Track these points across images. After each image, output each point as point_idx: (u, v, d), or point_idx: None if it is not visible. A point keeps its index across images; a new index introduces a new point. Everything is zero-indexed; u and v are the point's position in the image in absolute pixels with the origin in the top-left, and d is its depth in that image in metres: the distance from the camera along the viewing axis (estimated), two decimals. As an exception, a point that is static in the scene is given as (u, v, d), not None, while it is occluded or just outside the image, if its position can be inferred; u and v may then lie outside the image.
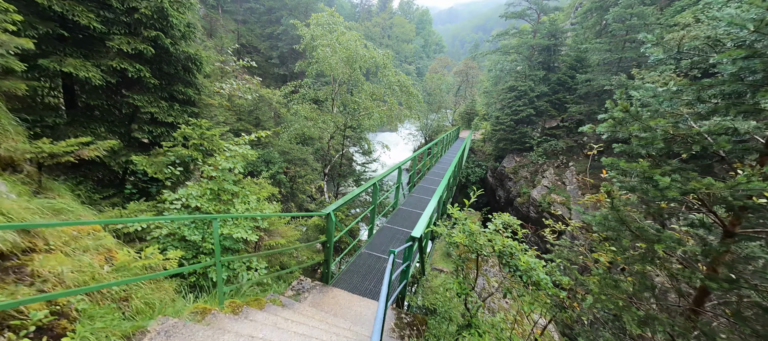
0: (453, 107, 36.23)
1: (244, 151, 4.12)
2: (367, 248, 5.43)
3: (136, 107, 5.41)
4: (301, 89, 10.08)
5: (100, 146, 3.53)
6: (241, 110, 23.65)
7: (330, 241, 4.05)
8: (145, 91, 5.57)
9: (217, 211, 3.74)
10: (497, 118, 20.20)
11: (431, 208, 4.37)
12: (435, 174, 11.65)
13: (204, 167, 3.94)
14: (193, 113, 6.73)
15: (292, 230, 5.07)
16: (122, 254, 2.57)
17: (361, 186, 5.03)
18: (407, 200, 8.22)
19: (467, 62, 35.47)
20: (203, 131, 4.99)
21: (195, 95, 6.71)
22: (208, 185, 3.86)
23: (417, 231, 3.59)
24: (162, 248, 3.23)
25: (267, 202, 7.01)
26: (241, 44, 32.33)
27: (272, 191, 7.10)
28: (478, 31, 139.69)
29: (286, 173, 22.11)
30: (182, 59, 6.33)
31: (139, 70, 5.07)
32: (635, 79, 13.01)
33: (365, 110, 9.45)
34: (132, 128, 5.51)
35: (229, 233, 3.40)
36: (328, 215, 3.94)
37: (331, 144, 10.58)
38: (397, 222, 6.68)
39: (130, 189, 4.94)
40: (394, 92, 10.14)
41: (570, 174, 17.10)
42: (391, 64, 10.02)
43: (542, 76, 19.17)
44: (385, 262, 4.99)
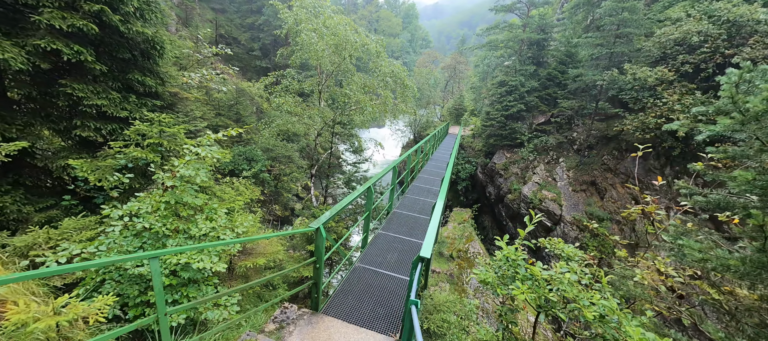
0: (442, 103, 35.85)
1: (209, 154, 3.30)
2: (362, 261, 4.74)
3: (77, 99, 4.44)
4: (283, 80, 9.02)
5: (3, 148, 2.64)
6: (221, 104, 22.28)
7: (320, 261, 3.34)
8: (89, 79, 4.60)
9: (174, 231, 2.93)
10: (487, 113, 19.87)
11: (437, 219, 3.71)
12: (428, 173, 11.06)
13: (158, 174, 3.11)
14: (156, 107, 5.78)
15: (275, 245, 4.31)
16: (20, 308, 1.78)
17: (355, 191, 4.32)
18: (402, 203, 7.57)
19: (455, 57, 35.10)
20: (163, 128, 4.11)
21: (157, 85, 5.75)
22: (162, 198, 3.03)
23: (425, 250, 2.92)
24: (92, 288, 2.42)
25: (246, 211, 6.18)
26: (219, 35, 30.48)
27: (253, 195, 6.29)
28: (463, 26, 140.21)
29: (270, 171, 20.99)
30: (139, 43, 5.35)
31: (77, 52, 4.11)
32: (627, 75, 12.87)
33: (356, 104, 8.52)
34: (75, 125, 4.54)
35: (188, 262, 2.62)
36: (318, 231, 3.23)
37: (319, 142, 9.69)
38: (393, 228, 6.02)
39: (69, 200, 4.01)
40: (388, 84, 9.23)
41: (560, 170, 17.01)
42: (385, 53, 9.11)
43: (532, 71, 18.94)
44: (384, 278, 4.33)
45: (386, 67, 8.98)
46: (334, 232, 6.06)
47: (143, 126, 4.06)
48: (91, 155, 4.45)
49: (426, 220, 6.58)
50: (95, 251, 2.45)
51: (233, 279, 3.68)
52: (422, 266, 2.94)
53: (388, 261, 4.76)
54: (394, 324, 3.62)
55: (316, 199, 10.44)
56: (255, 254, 3.97)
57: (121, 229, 2.77)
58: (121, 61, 5.13)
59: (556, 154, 17.62)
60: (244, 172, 18.76)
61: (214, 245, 1.97)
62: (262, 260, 3.58)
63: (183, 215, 3.04)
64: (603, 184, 15.28)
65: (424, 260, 2.95)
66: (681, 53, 11.77)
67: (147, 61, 5.58)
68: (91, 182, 3.62)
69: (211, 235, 3.01)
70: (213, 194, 4.24)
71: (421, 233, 5.94)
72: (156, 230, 2.79)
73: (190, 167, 3.05)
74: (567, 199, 15.89)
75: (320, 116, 8.69)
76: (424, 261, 2.96)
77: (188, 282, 2.77)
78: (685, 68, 11.45)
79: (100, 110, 4.64)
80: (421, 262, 2.94)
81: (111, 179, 3.42)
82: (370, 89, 8.57)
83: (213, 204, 3.33)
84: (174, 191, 2.98)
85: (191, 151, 3.12)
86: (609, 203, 14.82)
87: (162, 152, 4.08)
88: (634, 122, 12.56)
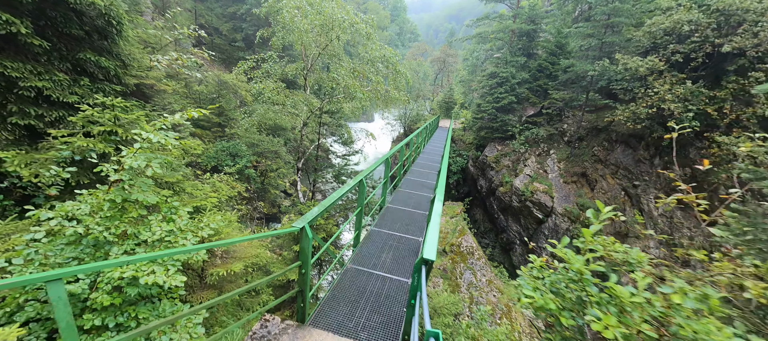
0: (431, 96, 35.50)
1: (165, 140, 2.70)
2: (354, 261, 4.27)
3: (12, 80, 3.73)
4: (264, 64, 8.16)
5: None
6: (201, 97, 21.16)
7: (306, 265, 2.85)
8: (27, 57, 3.89)
9: (122, 236, 2.36)
10: (479, 105, 19.62)
11: (437, 216, 3.26)
12: (421, 166, 10.66)
13: (102, 167, 2.52)
14: (117, 94, 5.07)
15: (255, 247, 3.78)
16: None
17: (345, 185, 3.82)
18: (395, 197, 7.13)
19: (445, 50, 34.72)
20: (117, 114, 3.48)
21: (117, 67, 5.04)
22: (107, 196, 2.45)
23: (429, 251, 2.47)
24: (11, 311, 1.85)
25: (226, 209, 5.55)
26: (199, 25, 28.98)
27: (232, 192, 5.68)
28: (451, 20, 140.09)
29: (256, 167, 20.15)
30: (93, 18, 4.63)
31: (7, 23, 3.41)
32: (618, 65, 12.78)
33: (345, 90, 7.79)
34: (11, 111, 3.82)
35: (135, 276, 2.05)
36: (303, 231, 2.73)
37: (305, 133, 8.95)
38: (387, 224, 5.57)
39: (1, 199, 3.34)
40: (379, 70, 8.57)
41: (551, 162, 16.97)
42: (376, 36, 8.42)
43: (523, 62, 18.76)
44: (379, 281, 3.88)
45: (377, 50, 8.28)
46: (324, 230, 5.57)
47: (93, 111, 3.41)
48: (33, 146, 3.78)
49: (421, 215, 6.17)
50: (6, 265, 1.88)
51: (205, 289, 3.16)
52: (426, 269, 2.49)
53: (383, 261, 4.31)
54: (392, 334, 3.17)
55: (303, 195, 9.75)
56: (232, 258, 3.44)
57: (54, 235, 2.18)
58: (69, 38, 4.42)
59: (546, 146, 17.58)
60: (227, 168, 17.90)
61: (154, 256, 1.41)
62: (239, 265, 3.05)
63: (132, 216, 2.46)
64: (593, 175, 15.33)
65: (427, 263, 2.50)
66: (671, 43, 11.73)
67: (104, 40, 4.86)
68: (25, 178, 2.98)
69: (169, 240, 2.45)
70: (181, 190, 3.67)
71: (417, 228, 5.52)
72: (95, 236, 2.21)
73: (140, 156, 2.47)
74: (558, 191, 15.88)
75: (306, 104, 7.93)
76: (428, 263, 2.51)
77: (139, 299, 2.22)
78: (675, 58, 11.41)
79: (42, 94, 3.95)
80: (425, 265, 2.49)
81: (47, 175, 2.79)
82: (360, 74, 7.89)
83: (173, 202, 2.76)
84: (122, 187, 2.40)
85: (143, 138, 2.52)
86: (599, 194, 14.89)
87: (117, 141, 3.46)
88: (625, 112, 12.51)
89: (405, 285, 3.85)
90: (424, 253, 2.43)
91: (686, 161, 12.50)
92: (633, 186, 14.00)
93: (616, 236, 14.81)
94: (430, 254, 2.40)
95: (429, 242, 2.52)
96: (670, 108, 10.93)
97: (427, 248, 2.46)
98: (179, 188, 3.60)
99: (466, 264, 13.73)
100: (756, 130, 10.78)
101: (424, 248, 2.46)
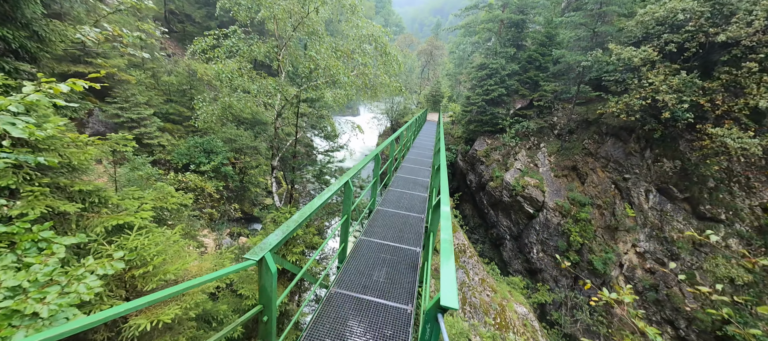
0: (418, 89, 34.78)
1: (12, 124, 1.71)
2: (340, 284, 3.48)
3: None
4: (225, 41, 6.80)
5: None
6: (171, 89, 19.44)
7: (269, 310, 2.02)
8: None
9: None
10: (468, 98, 19.07)
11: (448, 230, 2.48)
12: (411, 162, 9.91)
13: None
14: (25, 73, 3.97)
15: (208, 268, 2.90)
16: None
17: (327, 190, 2.99)
18: (385, 198, 6.35)
19: (431, 41, 33.97)
20: None
21: (26, 40, 3.93)
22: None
23: (448, 296, 1.68)
24: None
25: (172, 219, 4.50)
26: (169, 11, 26.85)
27: (184, 199, 4.67)
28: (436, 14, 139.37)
29: (234, 164, 18.81)
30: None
31: None
32: (611, 55, 12.45)
33: (326, 72, 6.59)
34: None
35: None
36: (262, 263, 1.90)
37: (280, 125, 7.82)
38: (378, 232, 4.79)
39: None
40: (366, 52, 7.45)
41: (542, 156, 16.70)
42: (362, 8, 7.25)
43: (512, 53, 18.30)
44: (371, 309, 3.11)
45: (364, 28, 7.19)
46: (302, 243, 4.72)
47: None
48: None
49: (417, 218, 5.42)
50: None
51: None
52: (443, 317, 1.71)
53: (374, 282, 3.53)
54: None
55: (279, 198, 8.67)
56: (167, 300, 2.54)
57: None
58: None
59: (537, 139, 17.29)
60: (202, 166, 16.50)
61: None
62: (173, 311, 2.17)
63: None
64: (584, 169, 15.15)
65: (445, 311, 1.74)
66: (664, 33, 11.46)
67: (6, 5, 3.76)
68: None
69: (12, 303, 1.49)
70: (101, 202, 2.71)
71: (413, 236, 4.77)
72: None
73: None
74: (549, 185, 15.63)
75: (278, 88, 6.78)
76: (446, 312, 1.74)
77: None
78: (669, 48, 11.13)
79: None
80: (441, 313, 1.73)
81: None
82: (344, 54, 6.79)
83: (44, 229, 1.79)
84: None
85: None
86: (590, 187, 14.73)
87: None
88: (618, 104, 12.21)
89: (403, 313, 3.09)
90: (441, 298, 1.65)
91: (676, 154, 12.42)
92: (623, 179, 13.88)
93: (606, 231, 14.76)
94: (450, 300, 1.63)
95: (446, 281, 1.74)
96: (664, 99, 10.67)
97: (446, 291, 1.68)
98: (97, 199, 2.67)
99: (458, 262, 13.21)
100: (747, 122, 10.74)
101: (440, 292, 1.67)
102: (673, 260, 11.94)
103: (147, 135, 15.21)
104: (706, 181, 11.48)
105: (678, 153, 12.25)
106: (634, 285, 12.67)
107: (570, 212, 14.58)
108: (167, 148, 16.04)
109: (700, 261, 11.32)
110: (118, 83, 15.30)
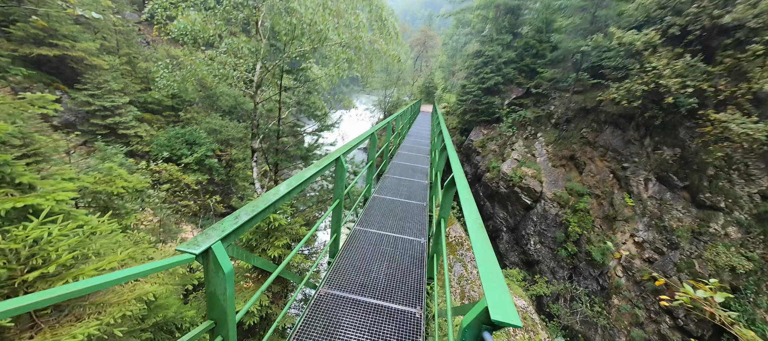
0: (412, 80, 34.08)
1: None
2: (330, 283, 2.86)
3: None
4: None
5: None
6: (149, 77, 18.22)
7: (224, 328, 1.37)
8: None
9: None
10: (463, 87, 18.53)
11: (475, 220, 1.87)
12: (408, 149, 9.33)
13: None
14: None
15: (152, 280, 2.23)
16: None
17: (313, 166, 2.34)
18: (382, 185, 5.75)
19: (425, 30, 33.22)
20: None
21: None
22: None
23: (500, 307, 1.04)
24: None
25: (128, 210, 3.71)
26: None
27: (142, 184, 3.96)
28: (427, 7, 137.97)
29: (220, 156, 17.85)
30: None
31: None
32: (612, 39, 12.04)
33: (311, 28, 5.54)
34: None
35: None
36: (208, 258, 1.25)
37: (260, 100, 6.79)
38: (375, 221, 4.19)
39: None
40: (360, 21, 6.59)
41: (539, 146, 16.34)
42: None
43: (508, 41, 17.79)
44: (373, 314, 2.52)
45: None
46: (285, 236, 4.03)
47: None
48: None
49: (419, 206, 4.84)
50: None
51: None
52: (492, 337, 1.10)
53: (373, 279, 2.93)
54: None
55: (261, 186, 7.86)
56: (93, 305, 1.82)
57: None
58: None
59: (534, 129, 16.92)
60: (184, 158, 15.52)
61: None
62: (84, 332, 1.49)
63: None
64: (582, 158, 14.87)
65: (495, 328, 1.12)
66: (667, 15, 11.08)
67: None
68: None
69: None
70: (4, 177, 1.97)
71: (417, 226, 4.19)
72: None
73: None
74: (547, 175, 15.31)
75: (251, 49, 5.81)
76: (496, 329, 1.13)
77: None
78: (672, 31, 10.76)
79: None
80: (490, 330, 1.11)
81: None
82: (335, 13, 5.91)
83: None
84: None
85: None
86: (588, 177, 14.47)
87: None
88: (619, 90, 11.84)
89: (410, 317, 2.50)
90: (491, 308, 1.03)
91: (676, 142, 12.19)
92: (622, 168, 13.63)
93: (604, 220, 14.55)
94: (505, 313, 1.02)
95: (492, 283, 1.13)
96: (667, 84, 10.32)
97: (496, 298, 1.07)
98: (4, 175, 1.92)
99: (455, 255, 12.76)
100: (750, 108, 10.52)
101: (486, 298, 1.06)
102: (673, 249, 11.77)
103: (122, 125, 14.16)
104: (705, 169, 11.27)
105: (678, 141, 12.01)
106: (632, 275, 12.49)
107: (568, 202, 14.30)
108: (146, 139, 15.00)
109: (700, 249, 11.15)
110: (89, 69, 14.13)
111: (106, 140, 13.92)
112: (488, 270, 1.19)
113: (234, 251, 1.45)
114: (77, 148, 11.96)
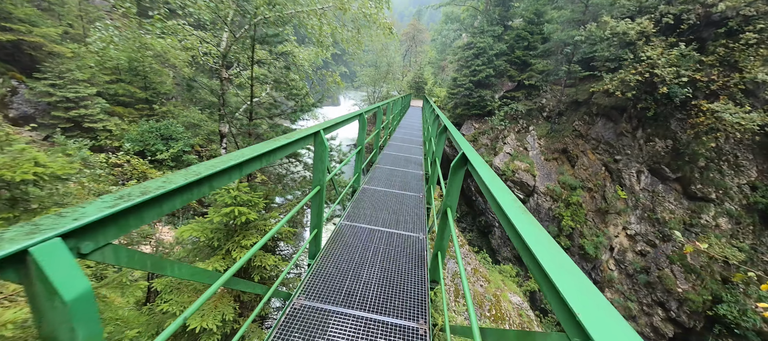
0: (401, 75, 33.54)
1: None
2: (309, 292, 2.26)
3: None
4: None
5: None
6: (121, 67, 16.90)
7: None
8: None
9: None
10: (454, 80, 18.11)
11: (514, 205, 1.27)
12: (399, 140, 8.78)
13: None
14: None
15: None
16: None
17: (284, 137, 1.71)
18: (372, 176, 5.16)
19: (414, 24, 32.70)
20: None
21: None
22: None
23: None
24: None
25: None
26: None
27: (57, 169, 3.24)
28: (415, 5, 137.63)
29: (199, 152, 16.81)
30: None
31: None
32: (606, 29, 11.81)
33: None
34: None
35: None
36: (28, 267, 0.60)
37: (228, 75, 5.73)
38: (365, 215, 3.61)
39: None
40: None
41: (531, 139, 16.11)
42: None
43: (500, 33, 17.46)
44: (365, 327, 1.93)
45: None
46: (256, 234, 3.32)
47: None
48: None
49: (415, 197, 4.29)
50: None
51: None
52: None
53: (365, 286, 2.36)
54: None
55: None
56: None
57: None
58: None
59: (526, 122, 16.68)
60: (159, 153, 14.45)
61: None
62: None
63: None
64: (574, 151, 14.72)
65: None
66: (660, 4, 10.91)
67: None
68: None
69: None
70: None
71: (414, 219, 3.64)
72: None
73: None
74: (540, 168, 15.09)
75: (212, 6, 4.84)
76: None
77: None
78: (666, 20, 10.59)
79: None
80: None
81: None
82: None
83: None
84: None
85: None
86: (580, 170, 14.32)
87: None
88: (613, 81, 11.64)
89: (412, 333, 1.93)
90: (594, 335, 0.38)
91: (668, 133, 12.12)
92: (614, 161, 13.51)
93: (597, 214, 14.47)
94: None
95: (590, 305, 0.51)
96: (661, 74, 10.15)
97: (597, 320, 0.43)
98: None
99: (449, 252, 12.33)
100: (741, 98, 10.48)
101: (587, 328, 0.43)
102: (665, 241, 11.70)
103: (88, 118, 12.99)
104: (697, 160, 11.21)
105: (670, 132, 11.93)
106: (625, 268, 12.39)
107: (561, 196, 14.11)
108: (116, 133, 13.85)
109: (693, 241, 11.10)
110: (50, 56, 12.87)
111: (69, 134, 12.73)
112: (573, 282, 0.62)
113: (123, 257, 0.84)
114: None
